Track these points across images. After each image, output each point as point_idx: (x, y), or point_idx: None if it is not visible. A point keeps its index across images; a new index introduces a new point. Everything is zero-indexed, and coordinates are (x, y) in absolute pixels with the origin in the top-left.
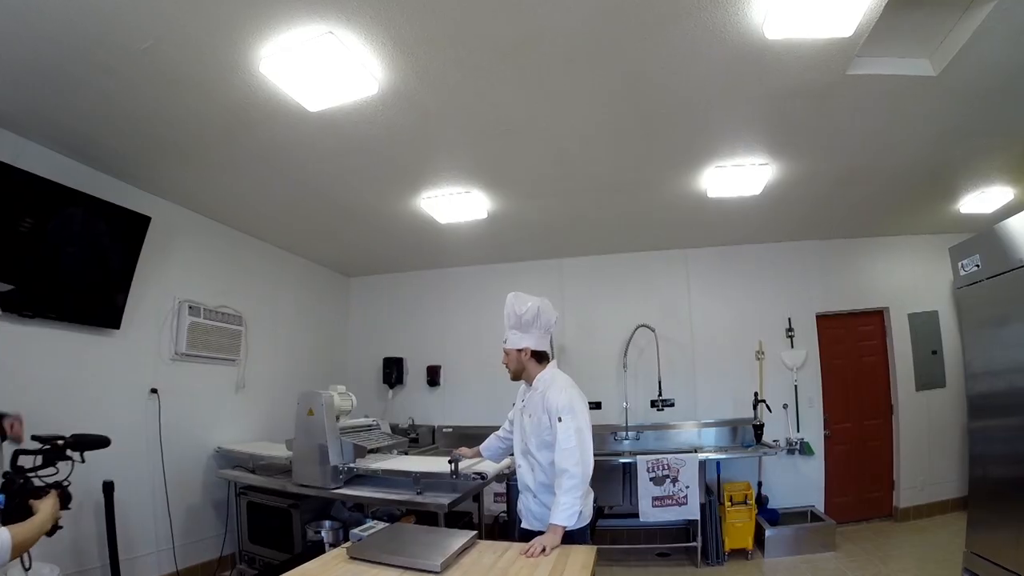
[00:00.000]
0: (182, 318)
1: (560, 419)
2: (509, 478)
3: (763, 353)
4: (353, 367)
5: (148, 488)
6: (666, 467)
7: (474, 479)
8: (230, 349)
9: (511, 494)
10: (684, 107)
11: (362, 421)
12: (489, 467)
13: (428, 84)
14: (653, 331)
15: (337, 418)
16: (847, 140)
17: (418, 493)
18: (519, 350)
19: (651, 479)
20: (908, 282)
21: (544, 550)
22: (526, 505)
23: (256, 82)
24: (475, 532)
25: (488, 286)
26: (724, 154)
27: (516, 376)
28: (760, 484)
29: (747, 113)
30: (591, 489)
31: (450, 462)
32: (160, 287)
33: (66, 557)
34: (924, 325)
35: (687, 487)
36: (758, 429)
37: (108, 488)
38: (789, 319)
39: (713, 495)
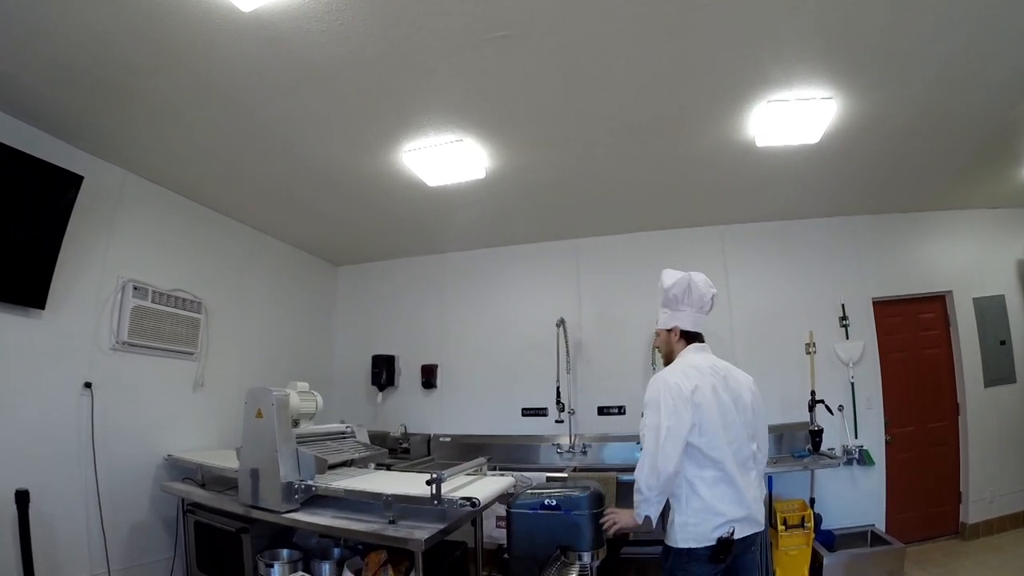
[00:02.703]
0: (126, 300)
1: (643, 413)
2: (511, 502)
3: (814, 346)
4: (340, 366)
5: (80, 501)
6: None
7: (462, 506)
8: (186, 340)
9: (513, 523)
10: (733, 9)
11: (330, 427)
12: (483, 489)
13: None
14: None
15: (296, 423)
16: (924, 67)
17: (390, 522)
18: (668, 330)
19: None
20: (971, 262)
21: (613, 524)
22: None
23: None
24: None
25: (492, 273)
26: (780, 81)
27: (668, 360)
28: (812, 501)
29: (813, 22)
30: (712, 507)
31: (430, 483)
32: (100, 263)
33: None
34: (990, 311)
35: None
36: (815, 436)
37: (21, 498)
38: (843, 306)
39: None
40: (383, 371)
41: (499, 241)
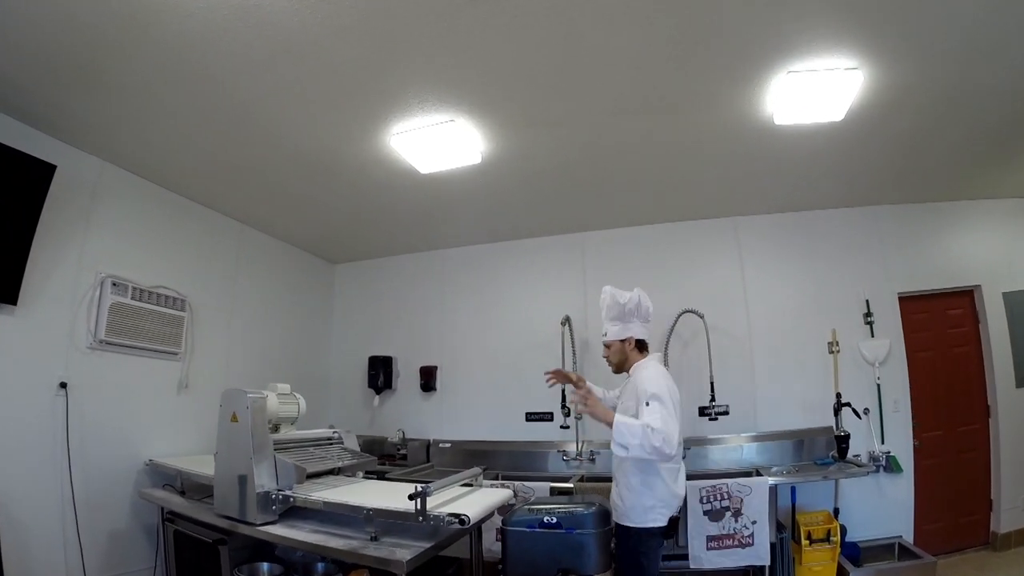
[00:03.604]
0: (104, 297)
1: (648, 403)
2: (507, 518)
3: (837, 344)
4: (337, 368)
5: (55, 506)
6: (725, 495)
7: (450, 523)
8: (169, 339)
9: (508, 540)
10: None
11: (314, 433)
12: (476, 504)
13: None
14: (701, 318)
15: (276, 427)
16: (956, 31)
17: (372, 539)
18: (623, 340)
19: (706, 512)
20: (1001, 255)
21: (585, 398)
22: (611, 495)
23: None
24: None
25: (495, 269)
26: (800, 50)
27: (619, 368)
28: (837, 511)
29: None
30: (676, 496)
31: (412, 497)
32: (77, 258)
33: None
34: (1022, 306)
35: (754, 522)
36: (841, 442)
37: None
38: (867, 301)
39: (786, 531)
40: (380, 373)
41: (501, 236)
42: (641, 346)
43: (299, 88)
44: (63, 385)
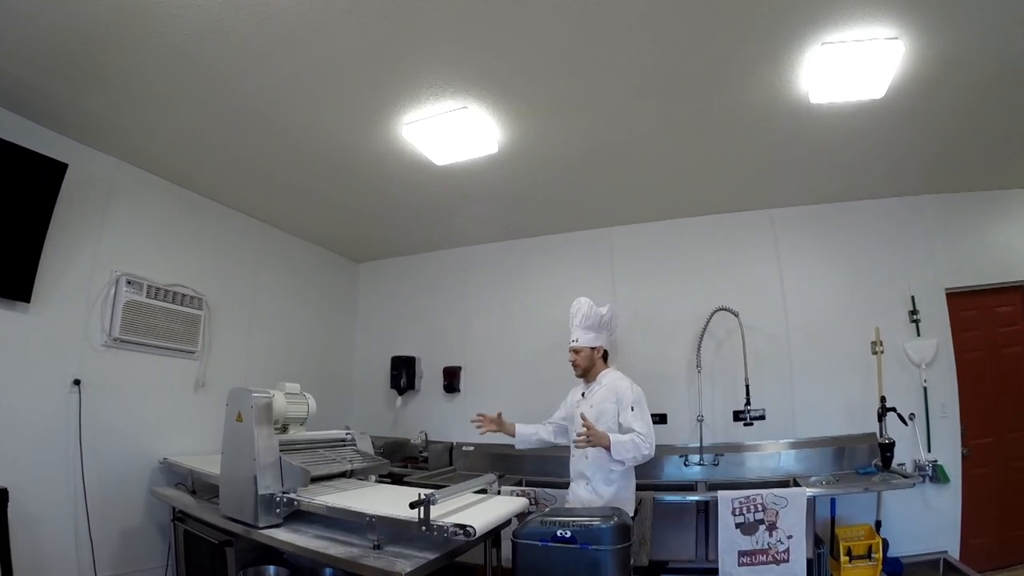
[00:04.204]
0: (119, 295)
1: (633, 408)
2: (518, 530)
3: (881, 344)
4: (360, 369)
5: (67, 502)
6: (760, 507)
7: (455, 534)
8: (185, 338)
9: (518, 554)
10: None
11: (325, 434)
12: (487, 514)
13: None
14: (736, 316)
15: (285, 428)
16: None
17: (375, 547)
18: (593, 348)
19: (738, 525)
20: None
21: (589, 436)
22: (576, 492)
23: None
24: None
25: (520, 267)
26: (836, 17)
27: (584, 373)
28: (879, 524)
29: None
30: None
31: (414, 505)
32: (92, 256)
33: None
34: None
35: (789, 537)
36: (886, 450)
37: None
38: (912, 298)
39: (824, 546)
40: (402, 374)
41: (525, 232)
42: (605, 356)
43: (302, 79)
44: (77, 382)
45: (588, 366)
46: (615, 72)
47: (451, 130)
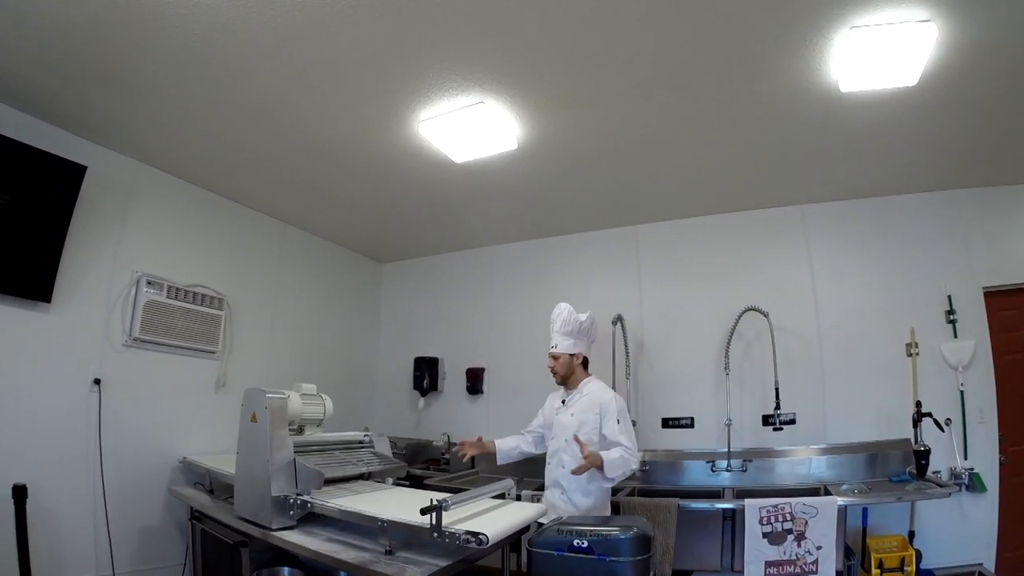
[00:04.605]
0: (139, 295)
1: (619, 421)
2: (533, 538)
3: (916, 346)
4: (383, 370)
5: (87, 499)
6: (788, 516)
7: (467, 542)
8: (205, 338)
9: (533, 563)
10: None
11: (341, 436)
12: (503, 520)
13: None
14: (766, 316)
15: (301, 429)
16: None
17: (387, 552)
18: (572, 355)
19: (765, 534)
20: None
21: (585, 458)
22: (550, 501)
23: None
24: None
25: (543, 267)
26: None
27: (564, 380)
28: (912, 535)
29: None
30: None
31: (425, 511)
32: (112, 257)
33: None
34: None
35: (819, 547)
36: (921, 457)
37: (19, 494)
38: (949, 297)
39: (855, 557)
40: (425, 375)
41: (548, 231)
42: (585, 363)
43: (310, 77)
44: (97, 381)
45: (567, 373)
46: (634, 62)
47: (468, 126)
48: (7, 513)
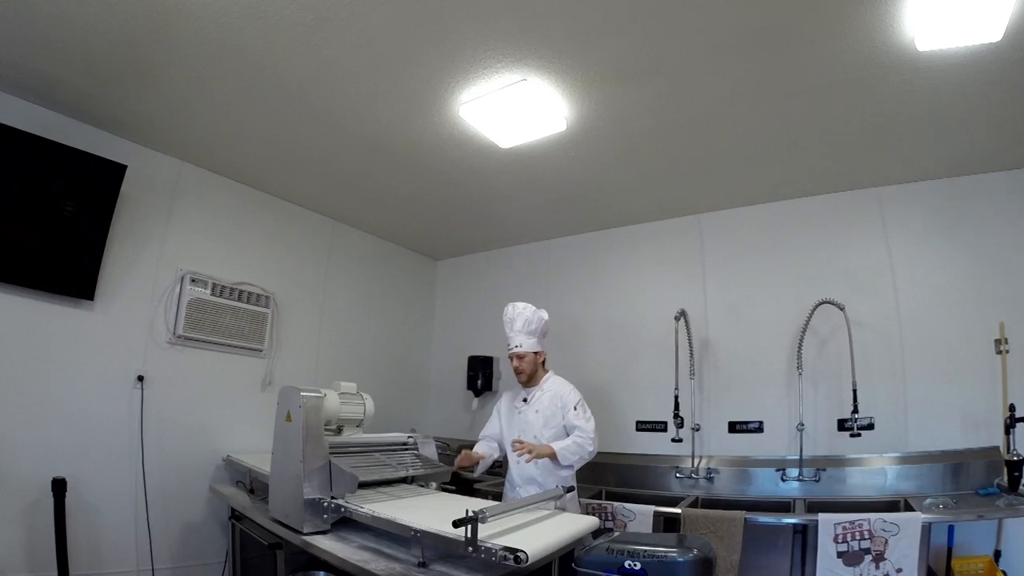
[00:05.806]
0: (184, 292)
1: (576, 408)
2: (580, 556)
3: (1006, 342)
4: (437, 369)
5: (128, 495)
6: (866, 534)
7: (504, 559)
8: (252, 336)
9: None
10: None
11: (383, 437)
12: (548, 535)
13: None
14: (842, 310)
15: (339, 429)
16: None
17: (420, 564)
18: (536, 353)
19: (840, 554)
20: None
21: (529, 452)
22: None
23: None
24: None
25: (601, 260)
26: None
27: (530, 378)
28: (998, 555)
29: None
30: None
31: (458, 524)
32: (156, 255)
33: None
34: None
35: (899, 570)
36: (1014, 468)
37: (58, 487)
38: None
39: None
40: (479, 374)
41: (606, 223)
42: (545, 361)
43: (346, 62)
44: (140, 378)
45: (533, 371)
46: (688, 28)
47: (512, 107)
48: (49, 505)
